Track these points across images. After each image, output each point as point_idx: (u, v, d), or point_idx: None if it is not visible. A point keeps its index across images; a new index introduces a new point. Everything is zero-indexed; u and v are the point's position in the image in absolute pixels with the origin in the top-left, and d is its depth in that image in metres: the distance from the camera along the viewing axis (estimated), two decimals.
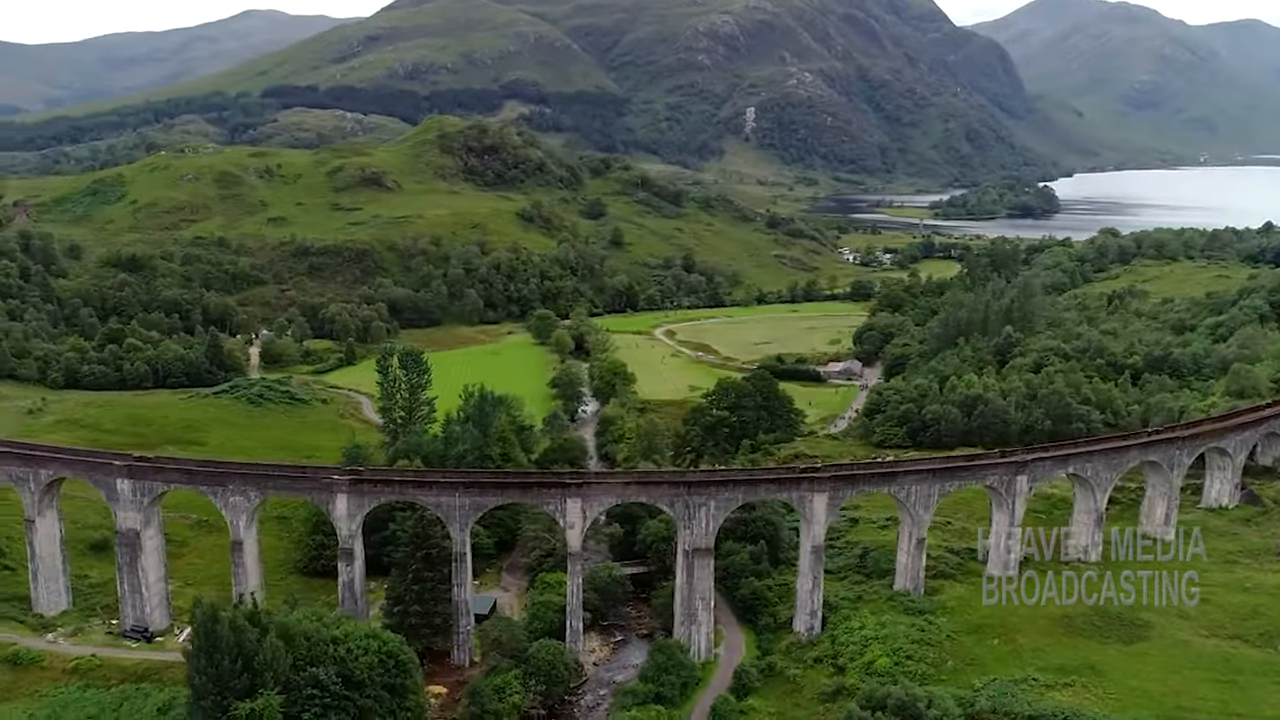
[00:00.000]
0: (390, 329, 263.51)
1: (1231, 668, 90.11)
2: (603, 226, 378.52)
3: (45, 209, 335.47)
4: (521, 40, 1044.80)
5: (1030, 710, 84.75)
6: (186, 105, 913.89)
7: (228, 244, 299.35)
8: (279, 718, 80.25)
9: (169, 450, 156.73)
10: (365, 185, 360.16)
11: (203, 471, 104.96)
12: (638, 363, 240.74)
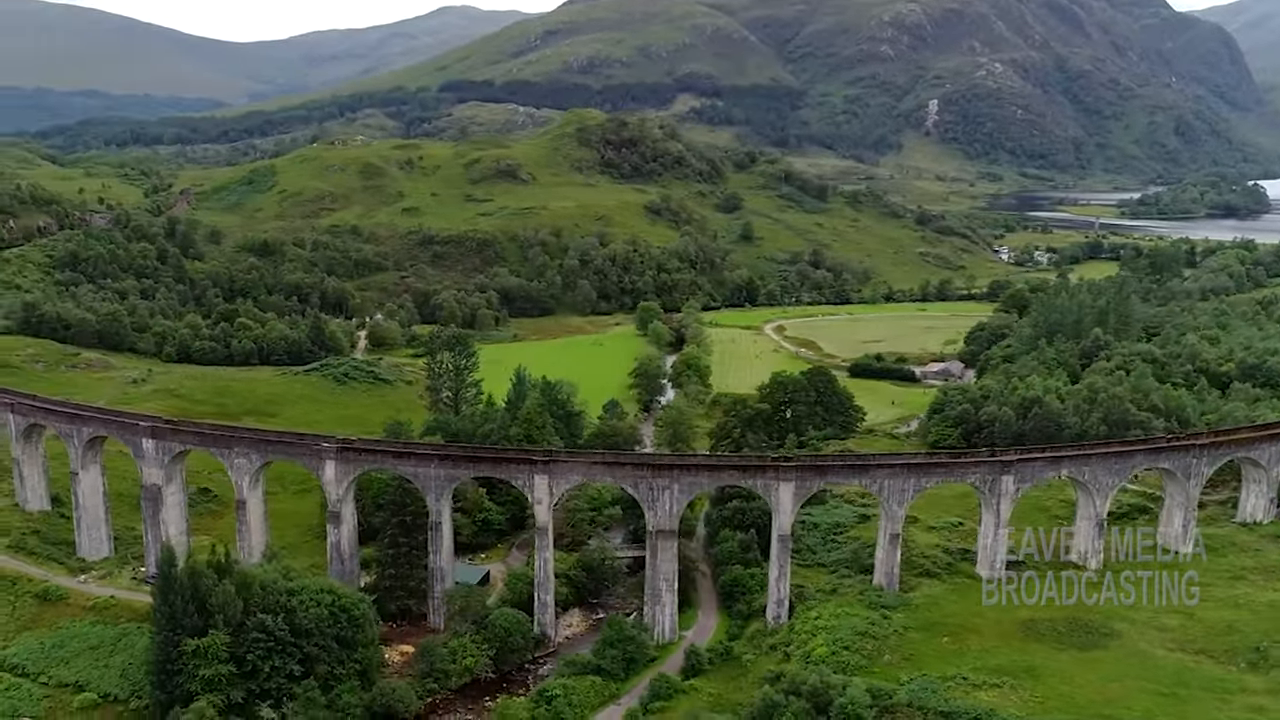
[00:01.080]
0: (499, 317, 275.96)
1: (1180, 681, 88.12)
2: (736, 220, 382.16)
3: (204, 197, 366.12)
4: (697, 33, 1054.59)
5: (945, 707, 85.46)
6: (369, 100, 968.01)
7: (359, 232, 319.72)
8: (225, 655, 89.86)
9: (247, 421, 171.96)
10: (500, 177, 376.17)
11: (213, 435, 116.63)
12: (734, 356, 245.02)
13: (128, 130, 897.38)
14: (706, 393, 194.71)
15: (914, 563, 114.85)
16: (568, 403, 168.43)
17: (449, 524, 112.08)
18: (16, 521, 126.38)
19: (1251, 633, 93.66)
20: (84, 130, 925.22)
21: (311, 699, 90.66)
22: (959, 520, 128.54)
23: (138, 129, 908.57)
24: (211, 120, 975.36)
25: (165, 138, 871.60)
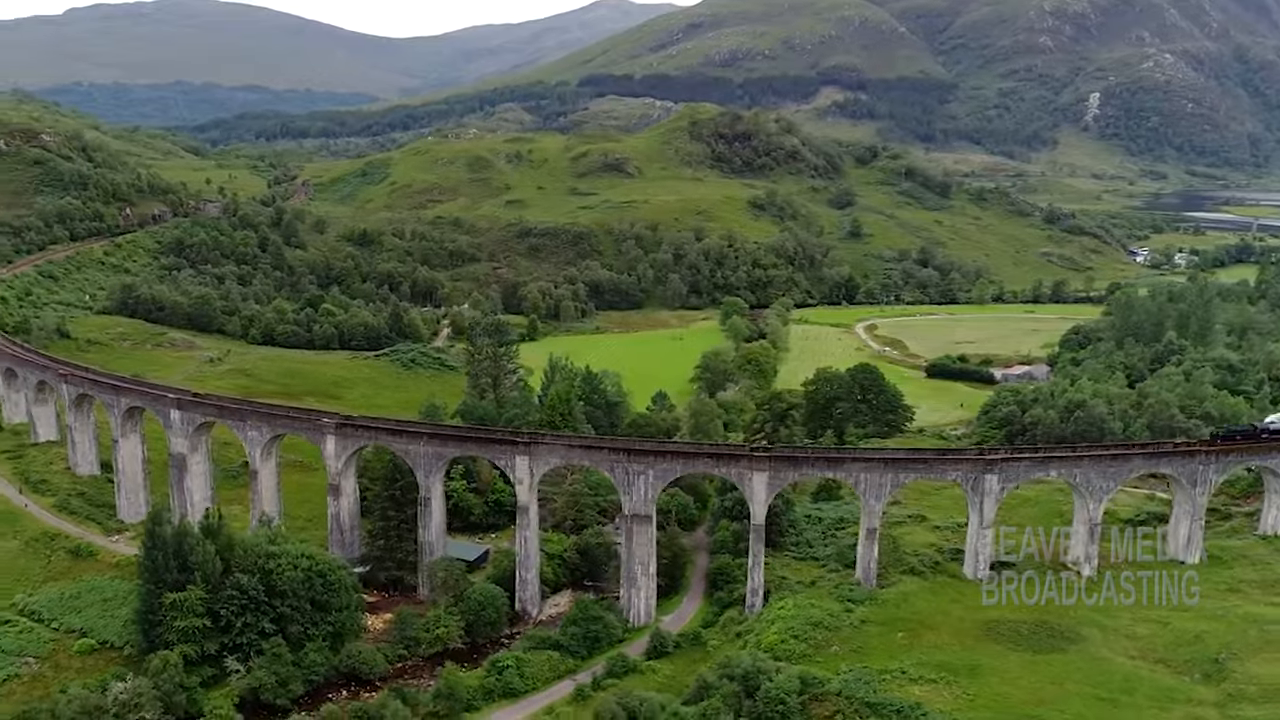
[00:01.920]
0: (585, 309, 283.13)
1: (1126, 688, 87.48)
2: (846, 217, 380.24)
3: (323, 189, 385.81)
4: (845, 24, 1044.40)
5: (873, 698, 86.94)
6: (509, 94, 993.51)
7: (461, 223, 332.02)
8: (200, 609, 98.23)
9: (309, 402, 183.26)
10: (606, 171, 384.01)
11: (230, 408, 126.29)
12: (813, 354, 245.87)
13: (278, 124, 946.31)
14: (758, 387, 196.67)
15: (903, 560, 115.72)
16: (609, 393, 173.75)
17: (440, 501, 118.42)
18: (66, 484, 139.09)
19: (1216, 644, 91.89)
20: (239, 124, 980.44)
21: (278, 655, 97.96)
22: (965, 522, 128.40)
23: (287, 122, 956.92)
24: (357, 115, 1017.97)
25: (312, 131, 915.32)
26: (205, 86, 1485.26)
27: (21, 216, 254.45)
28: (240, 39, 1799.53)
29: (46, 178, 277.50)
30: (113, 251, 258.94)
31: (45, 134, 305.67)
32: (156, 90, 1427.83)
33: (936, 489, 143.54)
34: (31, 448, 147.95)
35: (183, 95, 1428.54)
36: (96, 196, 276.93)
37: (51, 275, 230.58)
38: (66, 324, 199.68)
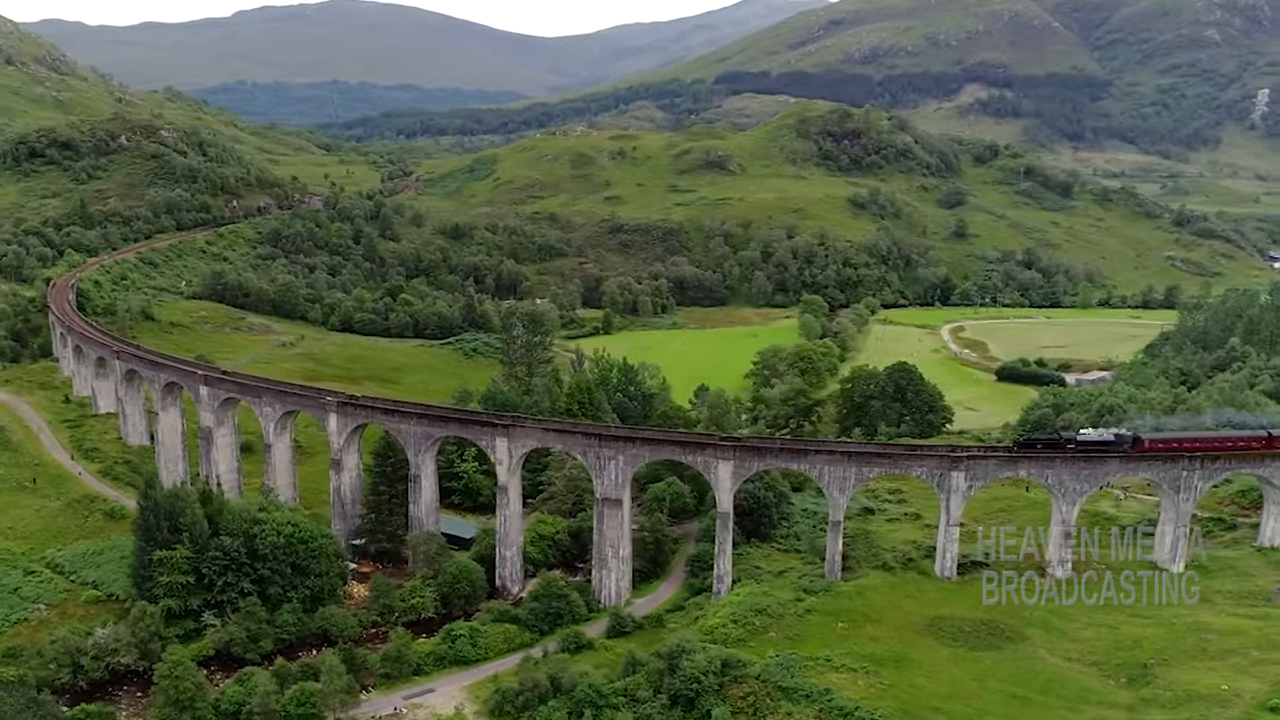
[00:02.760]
0: (666, 304, 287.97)
1: (1045, 689, 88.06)
2: (954, 216, 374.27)
3: (432, 184, 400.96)
4: (994, 19, 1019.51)
5: (788, 683, 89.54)
6: (645, 92, 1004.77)
7: (557, 218, 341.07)
8: (185, 567, 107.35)
9: (366, 386, 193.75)
10: (707, 168, 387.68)
11: (249, 386, 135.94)
12: (885, 354, 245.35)
13: (418, 121, 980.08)
14: (808, 385, 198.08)
15: (878, 555, 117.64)
16: (645, 385, 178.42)
17: (431, 479, 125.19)
18: (115, 452, 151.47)
19: (1152, 650, 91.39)
20: (383, 122, 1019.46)
21: (252, 613, 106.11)
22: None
23: (427, 120, 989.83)
24: (496, 112, 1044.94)
25: (450, 129, 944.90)
26: (360, 85, 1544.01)
27: (133, 207, 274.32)
28: (395, 39, 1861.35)
29: (161, 171, 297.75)
30: (215, 241, 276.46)
31: (164, 130, 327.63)
32: (314, 89, 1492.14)
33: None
34: (91, 418, 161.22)
35: (338, 94, 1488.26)
36: (205, 189, 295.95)
37: (152, 262, 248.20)
38: (152, 307, 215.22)
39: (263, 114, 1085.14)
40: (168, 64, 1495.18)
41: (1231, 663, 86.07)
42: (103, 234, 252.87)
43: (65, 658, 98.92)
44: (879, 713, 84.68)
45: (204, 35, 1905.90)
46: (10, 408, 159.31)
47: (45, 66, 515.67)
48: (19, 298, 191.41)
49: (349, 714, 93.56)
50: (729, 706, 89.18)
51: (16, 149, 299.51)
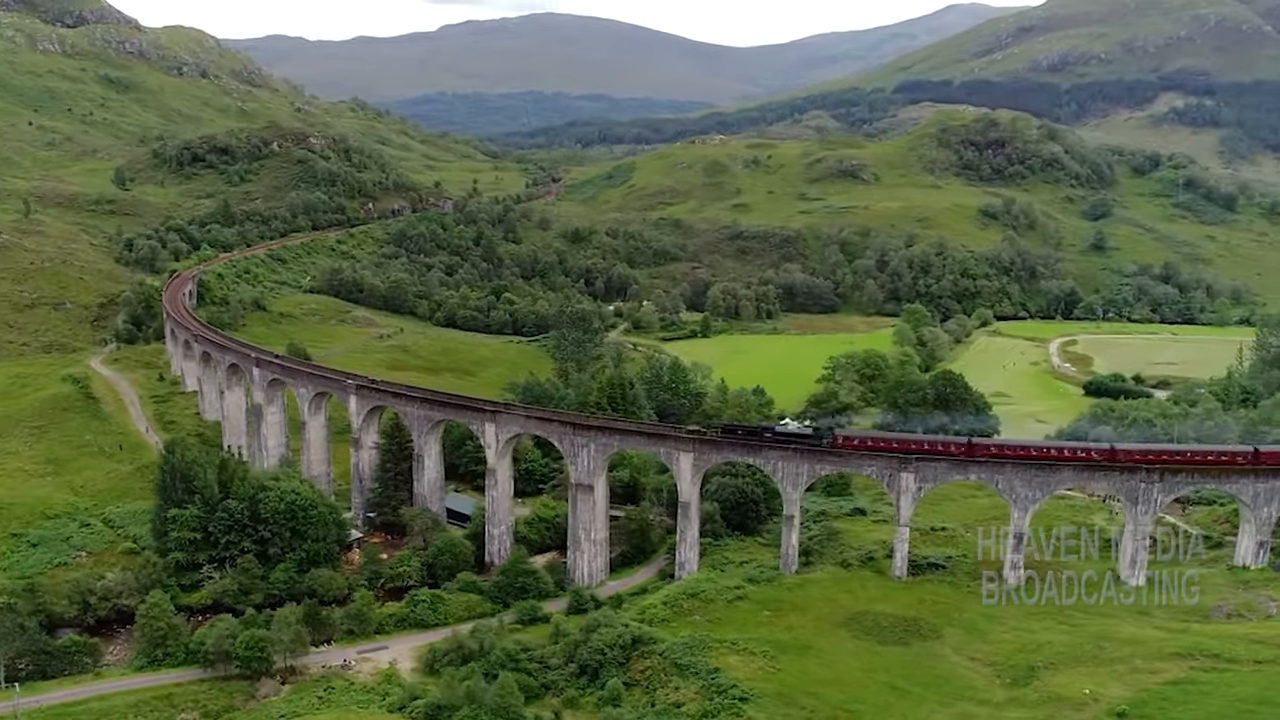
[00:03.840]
0: (771, 310, 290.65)
1: (930, 684, 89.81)
2: (1096, 228, 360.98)
3: (573, 190, 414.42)
4: (1198, 24, 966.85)
5: (684, 660, 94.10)
6: (821, 101, 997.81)
7: (681, 224, 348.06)
8: (194, 525, 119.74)
9: (445, 377, 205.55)
10: (840, 177, 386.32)
11: (290, 368, 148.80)
12: (976, 364, 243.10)
13: (596, 130, 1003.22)
14: (869, 391, 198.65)
15: (843, 553, 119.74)
16: (695, 385, 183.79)
17: (435, 459, 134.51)
18: (190, 425, 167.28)
19: (1048, 654, 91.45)
20: (564, 131, 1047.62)
21: (248, 569, 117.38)
22: (944, 526, 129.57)
23: (605, 129, 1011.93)
24: (674, 121, 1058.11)
25: (627, 137, 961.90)
26: (554, 95, 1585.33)
27: (273, 208, 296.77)
28: (590, 51, 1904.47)
29: (304, 175, 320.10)
30: (345, 240, 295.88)
31: (312, 138, 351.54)
32: (510, 99, 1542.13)
33: (965, 494, 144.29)
34: (178, 395, 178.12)
35: (533, 103, 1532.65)
36: (342, 192, 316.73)
37: (280, 258, 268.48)
38: (267, 299, 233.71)
39: (460, 123, 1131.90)
40: (376, 76, 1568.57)
41: (1112, 670, 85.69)
42: (240, 232, 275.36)
43: (76, 596, 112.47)
44: (754, 692, 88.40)
45: (410, 49, 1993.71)
46: (111, 383, 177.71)
47: (240, 80, 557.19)
48: (145, 286, 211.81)
49: (299, 662, 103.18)
50: (627, 678, 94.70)
51: (182, 154, 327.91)
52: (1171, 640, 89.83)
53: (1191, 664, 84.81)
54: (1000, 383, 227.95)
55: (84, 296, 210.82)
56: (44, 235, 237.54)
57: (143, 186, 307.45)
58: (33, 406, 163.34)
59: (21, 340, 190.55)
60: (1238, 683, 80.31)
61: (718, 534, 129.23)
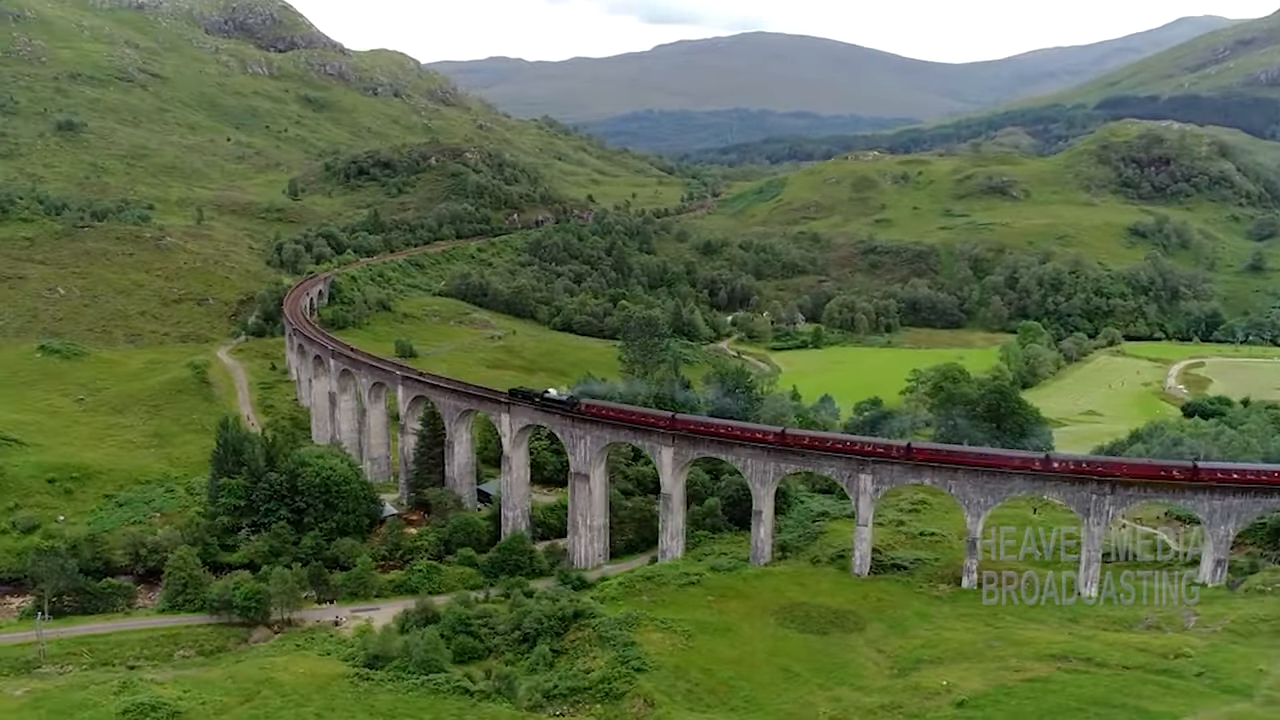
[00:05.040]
0: (890, 324, 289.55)
1: (822, 669, 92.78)
2: (1259, 249, 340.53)
3: (726, 203, 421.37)
4: None
5: (607, 634, 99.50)
6: (1020, 118, 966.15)
7: (818, 238, 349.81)
8: (240, 493, 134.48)
9: (540, 376, 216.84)
10: (988, 193, 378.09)
11: (356, 360, 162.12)
12: (1081, 383, 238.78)
13: (786, 147, 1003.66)
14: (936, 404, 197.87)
15: (820, 550, 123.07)
16: (757, 390, 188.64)
17: (464, 445, 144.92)
18: (287, 410, 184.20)
19: (939, 650, 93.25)
20: (754, 148, 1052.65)
21: (280, 534, 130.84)
22: (933, 531, 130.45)
23: (796, 145, 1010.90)
24: (865, 138, 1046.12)
25: (816, 154, 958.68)
26: (759, 113, 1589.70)
27: (421, 218, 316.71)
28: (798, 68, 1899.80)
29: (456, 187, 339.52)
30: (485, 248, 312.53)
31: (468, 152, 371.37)
32: (715, 116, 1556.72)
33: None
34: (284, 383, 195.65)
35: (738, 121, 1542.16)
36: (488, 203, 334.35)
37: (419, 264, 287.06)
38: (394, 301, 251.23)
39: (665, 140, 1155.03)
40: (588, 95, 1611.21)
41: (985, 666, 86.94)
42: (385, 239, 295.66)
43: (130, 548, 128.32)
44: (655, 664, 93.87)
45: (623, 68, 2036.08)
46: (229, 370, 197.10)
47: (434, 99, 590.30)
48: (280, 285, 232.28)
49: (296, 615, 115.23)
50: (559, 646, 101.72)
51: (349, 167, 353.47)
52: (1059, 644, 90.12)
53: (1061, 665, 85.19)
54: (1097, 401, 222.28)
55: (226, 294, 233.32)
56: (209, 239, 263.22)
57: (312, 197, 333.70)
58: (155, 388, 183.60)
59: (163, 331, 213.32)
60: (1089, 684, 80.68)
61: (717, 527, 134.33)
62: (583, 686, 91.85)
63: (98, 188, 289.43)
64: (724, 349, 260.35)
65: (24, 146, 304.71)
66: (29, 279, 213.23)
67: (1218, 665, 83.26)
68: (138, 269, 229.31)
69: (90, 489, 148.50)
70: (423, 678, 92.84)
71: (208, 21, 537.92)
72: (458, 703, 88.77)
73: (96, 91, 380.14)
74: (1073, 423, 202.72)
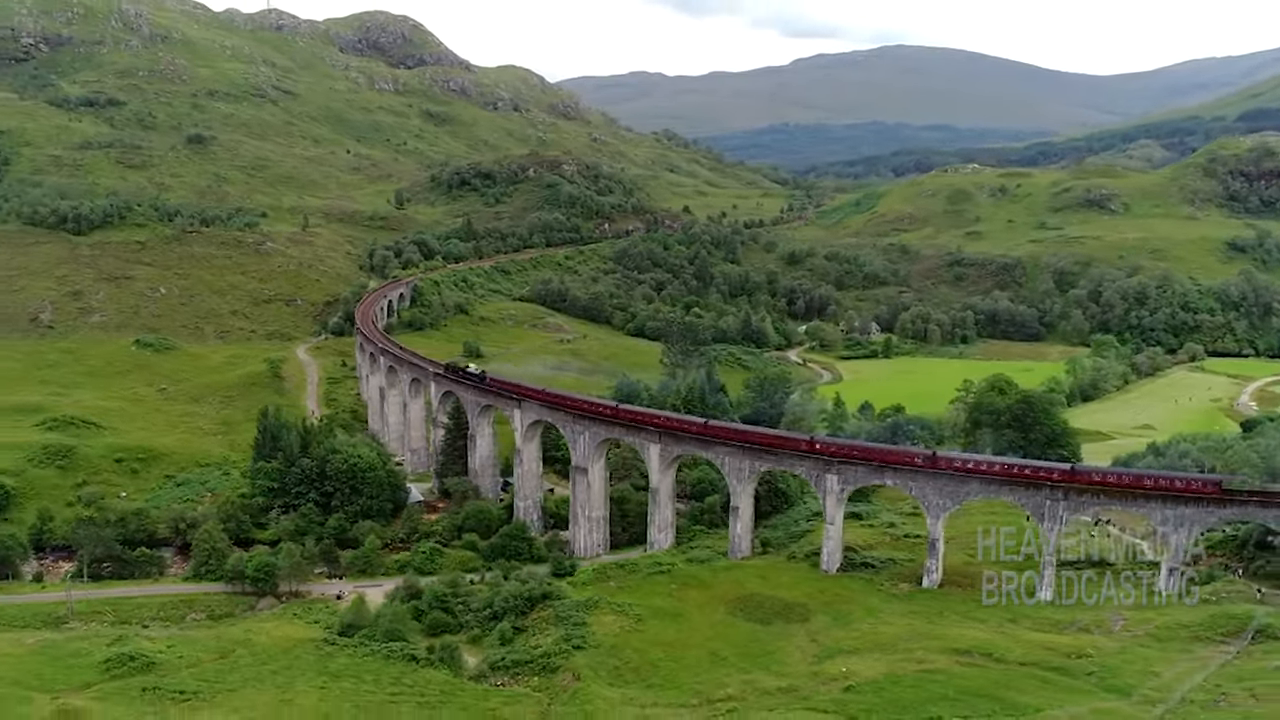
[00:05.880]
0: (966, 335, 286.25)
1: (750, 655, 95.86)
2: None
3: (824, 214, 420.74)
4: None
5: (565, 614, 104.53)
6: (1156, 130, 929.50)
7: (907, 250, 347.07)
8: (274, 475, 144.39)
9: (598, 378, 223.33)
10: (1085, 206, 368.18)
11: (400, 358, 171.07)
12: (1146, 398, 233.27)
13: (912, 160, 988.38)
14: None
15: (799, 548, 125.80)
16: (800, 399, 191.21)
17: (486, 438, 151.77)
18: (348, 404, 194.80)
19: (862, 642, 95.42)
20: (878, 160, 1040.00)
21: (307, 515, 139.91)
22: (920, 534, 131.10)
23: (922, 159, 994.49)
24: (993, 151, 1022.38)
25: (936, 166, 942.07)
26: (896, 125, 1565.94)
27: (513, 226, 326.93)
28: (938, 81, 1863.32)
29: (550, 198, 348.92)
30: (573, 256, 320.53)
31: (565, 164, 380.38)
32: (852, 130, 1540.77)
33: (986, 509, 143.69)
34: (350, 379, 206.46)
35: (874, 134, 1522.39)
36: (580, 213, 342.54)
37: (505, 271, 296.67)
38: (471, 304, 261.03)
39: (798, 152, 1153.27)
40: (724, 109, 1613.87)
41: (891, 658, 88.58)
42: (475, 246, 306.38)
43: (171, 523, 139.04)
44: (594, 644, 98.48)
45: (760, 82, 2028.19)
46: (302, 366, 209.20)
47: (555, 114, 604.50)
48: (364, 288, 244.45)
49: (304, 587, 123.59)
50: (522, 624, 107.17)
51: (452, 178, 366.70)
52: (971, 640, 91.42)
53: (961, 659, 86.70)
54: (1158, 416, 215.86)
55: (315, 295, 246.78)
56: (309, 245, 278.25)
57: (416, 206, 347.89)
58: (231, 380, 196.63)
59: (250, 328, 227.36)
60: (975, 676, 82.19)
61: (715, 524, 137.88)
62: (525, 660, 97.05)
63: (217, 196, 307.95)
64: (789, 356, 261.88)
65: (156, 158, 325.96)
66: (136, 279, 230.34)
67: (1116, 666, 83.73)
68: (235, 271, 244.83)
69: (154, 469, 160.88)
70: (383, 645, 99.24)
71: (343, 40, 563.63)
72: (402, 668, 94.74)
73: (230, 107, 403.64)
74: (1123, 436, 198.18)
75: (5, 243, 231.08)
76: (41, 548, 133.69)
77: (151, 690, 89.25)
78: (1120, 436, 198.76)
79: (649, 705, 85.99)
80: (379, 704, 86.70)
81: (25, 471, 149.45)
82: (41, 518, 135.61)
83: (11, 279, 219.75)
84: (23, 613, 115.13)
